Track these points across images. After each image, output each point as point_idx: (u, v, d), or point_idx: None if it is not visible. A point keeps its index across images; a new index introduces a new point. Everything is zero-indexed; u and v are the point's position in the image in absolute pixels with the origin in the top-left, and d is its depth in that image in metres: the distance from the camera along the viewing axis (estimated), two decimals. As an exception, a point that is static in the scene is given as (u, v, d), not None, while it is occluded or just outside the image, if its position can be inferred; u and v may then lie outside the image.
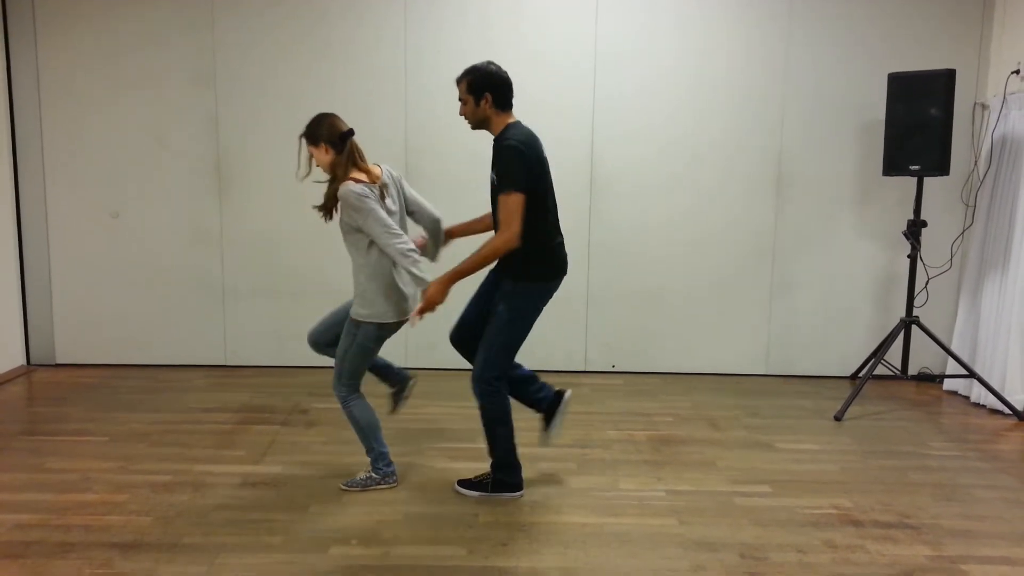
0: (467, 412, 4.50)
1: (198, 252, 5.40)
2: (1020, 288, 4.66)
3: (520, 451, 3.48)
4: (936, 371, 5.34)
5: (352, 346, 3.37)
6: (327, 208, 3.31)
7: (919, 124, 4.64)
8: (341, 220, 3.31)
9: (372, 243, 3.26)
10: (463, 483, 3.50)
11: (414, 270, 3.22)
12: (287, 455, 3.90)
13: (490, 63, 3.30)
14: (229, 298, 5.45)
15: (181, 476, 3.62)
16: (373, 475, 3.52)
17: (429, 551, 2.97)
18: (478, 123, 3.30)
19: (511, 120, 3.28)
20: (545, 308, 3.37)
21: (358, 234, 3.27)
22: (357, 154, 3.30)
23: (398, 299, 3.35)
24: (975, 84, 5.20)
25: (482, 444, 3.58)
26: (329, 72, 5.24)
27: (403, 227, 3.37)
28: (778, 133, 5.29)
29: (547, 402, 3.58)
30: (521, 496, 3.47)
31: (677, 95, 5.26)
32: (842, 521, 3.27)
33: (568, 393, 3.61)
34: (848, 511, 3.37)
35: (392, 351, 5.47)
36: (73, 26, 5.20)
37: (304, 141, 3.34)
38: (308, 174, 3.42)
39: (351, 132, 3.30)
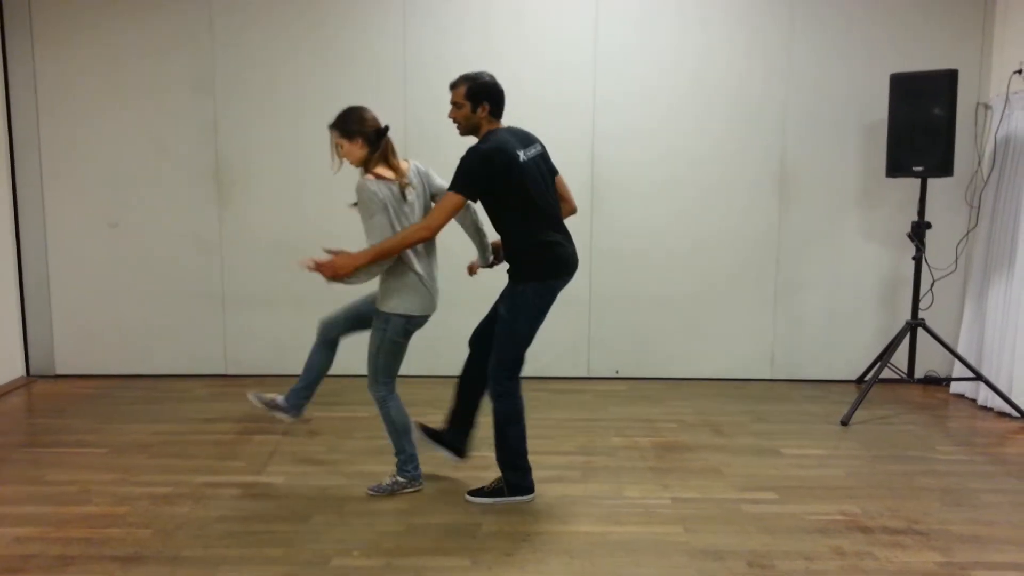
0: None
1: (198, 261, 5.38)
2: (1026, 289, 4.63)
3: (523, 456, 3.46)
4: (943, 374, 5.30)
5: (384, 342, 3.38)
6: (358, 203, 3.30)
7: (922, 125, 4.61)
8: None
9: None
10: (474, 493, 3.47)
11: (373, 268, 3.26)
12: (288, 465, 3.87)
13: (487, 73, 3.31)
14: (229, 307, 5.42)
15: (181, 488, 3.59)
16: (399, 479, 3.51)
17: (432, 562, 2.94)
18: (470, 129, 3.31)
19: (496, 126, 3.31)
20: (547, 313, 3.36)
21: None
22: (390, 150, 3.30)
23: (424, 294, 3.35)
24: (978, 84, 5.17)
25: (486, 452, 3.56)
26: (328, 78, 5.23)
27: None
28: (780, 134, 5.26)
29: (456, 439, 3.62)
30: (532, 499, 3.44)
31: (677, 96, 5.24)
32: (850, 527, 3.24)
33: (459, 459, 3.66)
34: (856, 517, 3.33)
35: (394, 359, 5.44)
36: (71, 34, 5.19)
37: (335, 133, 3.30)
38: (340, 167, 3.39)
39: (387, 128, 3.29)
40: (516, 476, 3.42)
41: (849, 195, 5.31)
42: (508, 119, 3.78)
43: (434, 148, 5.16)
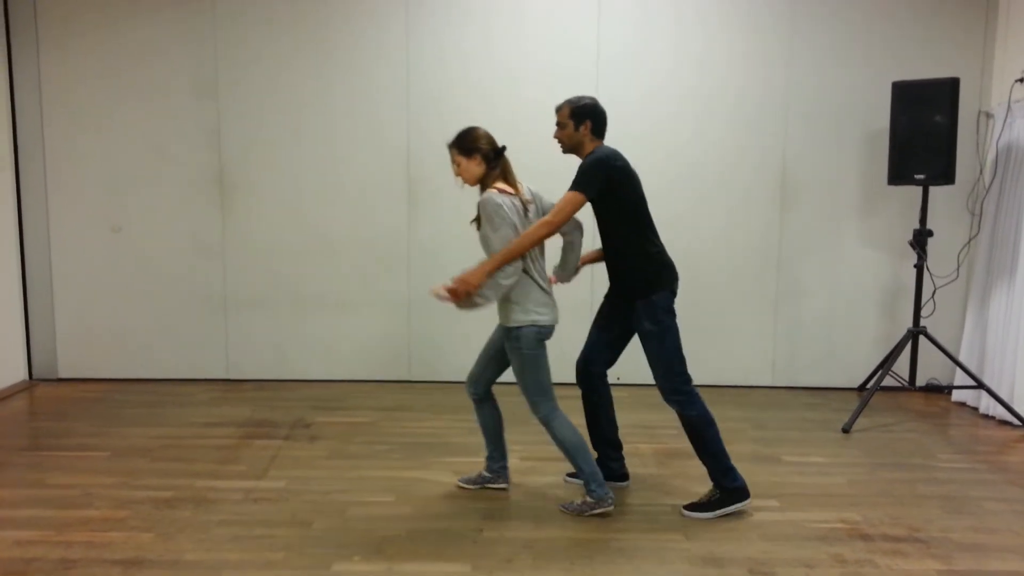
0: (470, 425, 4.47)
1: (200, 265, 5.39)
2: (1028, 298, 4.63)
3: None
4: (944, 382, 5.30)
5: (524, 359, 3.29)
6: (479, 219, 3.29)
7: (924, 133, 4.62)
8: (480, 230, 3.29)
9: None
10: (691, 507, 3.43)
11: (500, 285, 3.19)
12: (290, 470, 3.87)
13: (589, 97, 3.46)
14: (231, 311, 5.43)
15: (183, 492, 3.59)
16: (588, 499, 3.41)
17: (433, 568, 2.94)
18: (572, 147, 3.44)
19: (600, 145, 3.44)
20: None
21: None
22: (508, 169, 3.34)
23: (545, 303, 3.31)
24: (979, 92, 5.18)
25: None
26: (331, 82, 5.24)
27: (542, 244, 3.37)
28: (781, 142, 5.27)
29: (608, 472, 3.65)
30: (750, 501, 3.44)
31: (678, 102, 5.25)
32: (851, 535, 3.23)
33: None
34: (857, 525, 3.33)
35: (394, 362, 5.46)
36: (75, 39, 5.21)
37: (454, 151, 3.33)
38: (462, 186, 3.45)
39: (504, 148, 3.35)
40: (728, 480, 3.40)
41: (850, 202, 5.32)
42: (512, 123, 3.81)
43: (436, 152, 5.18)
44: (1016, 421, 4.66)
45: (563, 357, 5.45)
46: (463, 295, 3.16)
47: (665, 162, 5.28)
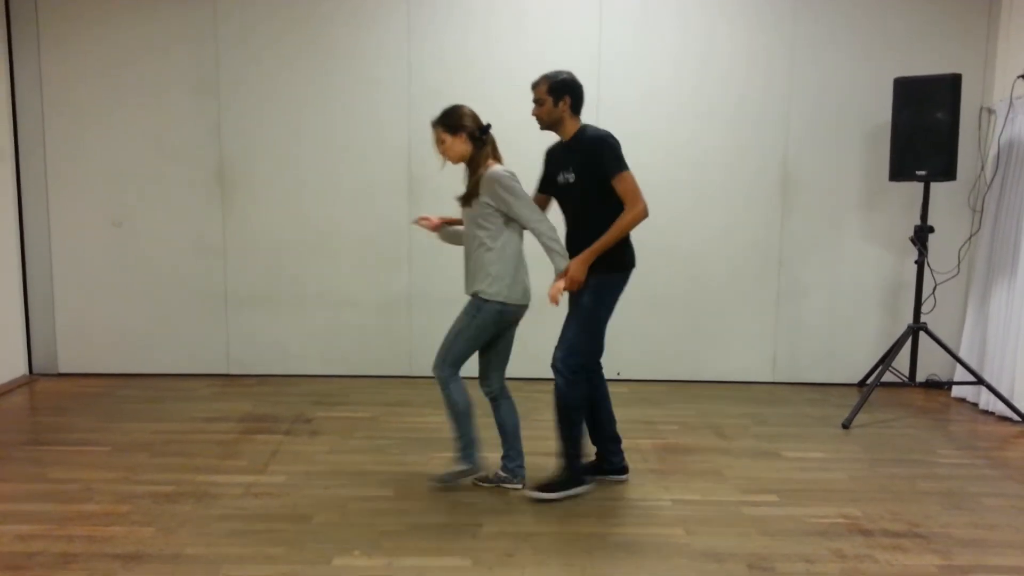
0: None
1: (201, 260, 5.39)
2: (1028, 294, 4.63)
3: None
4: (944, 378, 5.30)
5: (469, 326, 3.37)
6: (469, 197, 3.34)
7: (925, 129, 4.61)
8: (475, 204, 3.33)
9: (505, 227, 3.31)
10: (541, 488, 3.47)
11: (558, 248, 3.30)
12: (290, 465, 3.88)
13: (566, 71, 3.44)
14: (232, 307, 5.43)
15: (184, 486, 3.60)
16: (461, 467, 3.51)
17: (433, 562, 2.94)
18: (551, 124, 3.43)
19: (579, 123, 3.43)
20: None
21: (495, 216, 3.30)
22: (494, 147, 3.39)
23: (524, 284, 3.39)
24: (981, 88, 5.17)
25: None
26: (332, 78, 5.24)
27: None
28: (783, 138, 5.27)
29: (609, 466, 3.69)
30: (588, 490, 3.52)
31: (680, 100, 5.25)
32: (851, 530, 3.24)
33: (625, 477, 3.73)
34: (857, 520, 3.33)
35: (395, 359, 5.46)
36: (76, 35, 5.21)
37: (439, 128, 3.37)
38: (444, 165, 3.52)
39: (489, 125, 3.38)
40: (577, 464, 3.47)
41: (852, 199, 5.31)
42: (513, 123, 3.81)
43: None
44: (1016, 417, 4.66)
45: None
46: (574, 287, 3.32)
47: (667, 160, 5.28)
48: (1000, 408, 4.75)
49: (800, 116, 5.25)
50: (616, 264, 3.40)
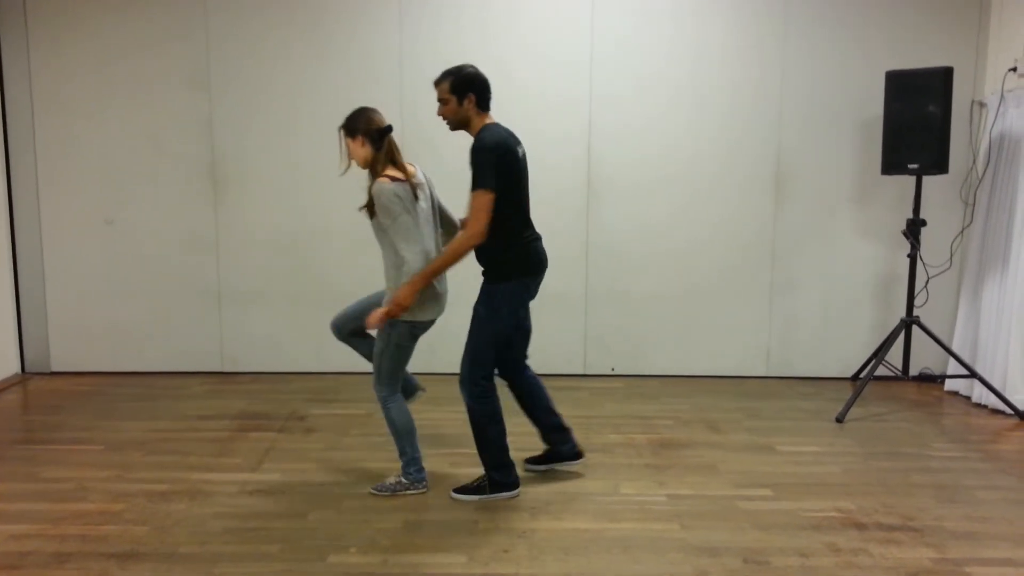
0: (465, 417, 4.46)
1: (193, 257, 5.37)
2: (1020, 286, 4.64)
3: (513, 456, 3.47)
4: (937, 371, 5.32)
5: (388, 346, 3.36)
6: (370, 207, 3.27)
7: (917, 122, 4.62)
8: (373, 218, 3.29)
9: None
10: (459, 490, 3.48)
11: (409, 281, 3.19)
12: (285, 462, 3.87)
13: (470, 65, 3.31)
14: (225, 304, 5.42)
15: (178, 485, 3.59)
16: (403, 480, 3.50)
17: (429, 559, 2.94)
18: (459, 123, 3.32)
19: (488, 121, 3.31)
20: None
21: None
22: (395, 151, 3.31)
23: (432, 298, 3.33)
24: (973, 82, 5.18)
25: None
26: (324, 73, 5.22)
27: (436, 225, 3.43)
28: (776, 132, 5.27)
29: (560, 455, 3.70)
30: (518, 495, 3.46)
31: (674, 93, 5.24)
32: (845, 524, 3.25)
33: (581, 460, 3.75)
34: (851, 514, 3.34)
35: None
36: (65, 32, 5.17)
37: (342, 133, 3.33)
38: (347, 168, 3.41)
39: (390, 128, 3.30)
40: (500, 474, 3.44)
41: (844, 192, 5.32)
42: (506, 116, 3.78)
43: (431, 145, 5.16)
44: (1008, 410, 4.68)
45: (551, 348, 5.46)
46: (399, 315, 3.23)
47: (659, 154, 5.28)
48: (993, 401, 4.77)
49: (792, 109, 5.25)
50: (501, 275, 3.31)
